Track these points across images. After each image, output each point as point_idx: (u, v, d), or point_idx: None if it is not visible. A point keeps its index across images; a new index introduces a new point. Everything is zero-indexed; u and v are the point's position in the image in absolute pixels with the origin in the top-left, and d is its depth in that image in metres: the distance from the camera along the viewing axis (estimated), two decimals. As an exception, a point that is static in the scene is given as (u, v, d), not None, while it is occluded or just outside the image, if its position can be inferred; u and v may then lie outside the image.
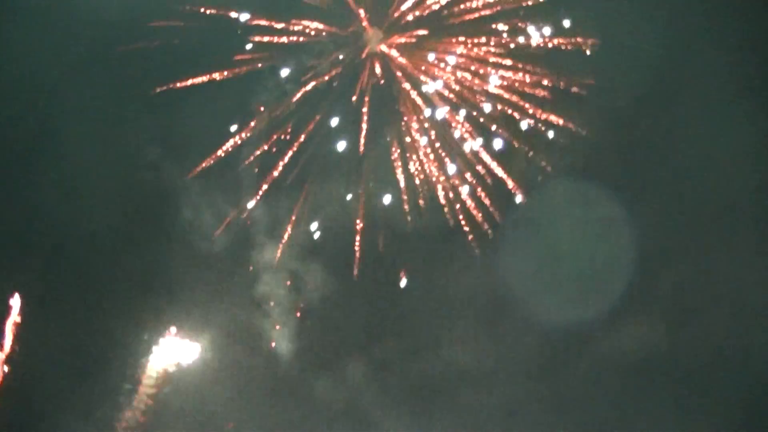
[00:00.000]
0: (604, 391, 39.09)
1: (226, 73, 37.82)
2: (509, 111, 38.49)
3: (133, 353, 37.10)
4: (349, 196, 38.21)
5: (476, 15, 38.28)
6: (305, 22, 38.23)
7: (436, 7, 38.25)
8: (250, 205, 38.27)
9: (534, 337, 39.77)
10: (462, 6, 38.25)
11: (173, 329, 37.65)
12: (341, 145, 38.08)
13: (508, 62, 38.30)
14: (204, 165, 38.03)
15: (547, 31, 37.86)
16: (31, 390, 35.81)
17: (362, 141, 38.27)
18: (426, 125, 38.34)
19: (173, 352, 37.46)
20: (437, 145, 38.65)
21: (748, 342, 37.96)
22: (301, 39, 38.31)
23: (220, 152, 37.97)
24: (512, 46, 38.06)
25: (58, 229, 37.96)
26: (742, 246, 38.35)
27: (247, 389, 38.43)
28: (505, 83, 38.24)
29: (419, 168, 38.34)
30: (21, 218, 37.89)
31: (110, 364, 36.95)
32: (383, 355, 39.53)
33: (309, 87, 38.10)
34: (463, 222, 38.42)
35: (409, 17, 38.55)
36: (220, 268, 39.01)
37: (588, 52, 37.65)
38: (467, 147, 38.52)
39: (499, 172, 38.74)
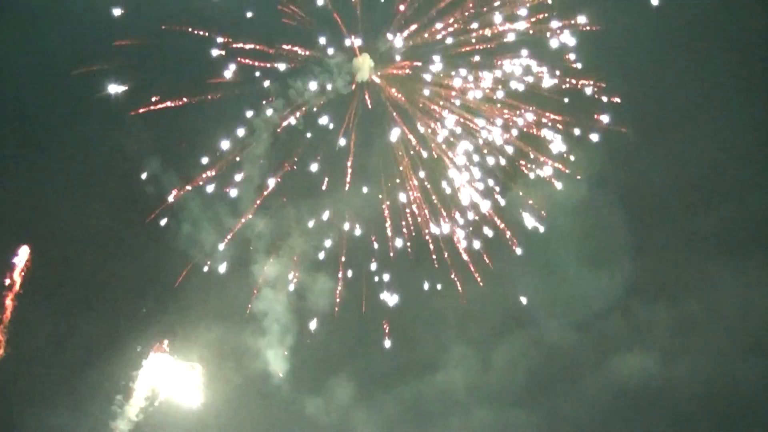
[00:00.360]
0: (597, 420, 38.88)
1: (208, 96, 35.52)
2: (511, 153, 35.71)
3: (126, 364, 37.11)
4: (328, 242, 36.39)
5: (479, 47, 34.44)
6: (291, 48, 35.15)
7: (435, 36, 34.66)
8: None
9: (528, 364, 39.39)
10: (462, 38, 34.44)
11: (165, 343, 37.62)
12: (324, 183, 36.12)
13: (512, 101, 34.90)
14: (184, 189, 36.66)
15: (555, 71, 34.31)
16: (23, 395, 36.24)
17: (348, 178, 36.15)
18: (419, 166, 35.90)
19: (163, 366, 37.54)
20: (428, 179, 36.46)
21: (743, 375, 37.78)
22: (288, 65, 35.39)
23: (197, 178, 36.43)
24: (515, 85, 34.38)
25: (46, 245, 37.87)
26: (739, 282, 38.10)
27: (238, 406, 38.13)
28: (508, 124, 35.09)
29: (408, 210, 36.25)
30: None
31: (103, 373, 36.88)
32: (375, 378, 39.17)
33: (293, 119, 35.61)
34: (452, 272, 36.66)
35: (405, 46, 35.19)
36: (213, 286, 38.27)
37: (605, 99, 34.20)
38: (464, 194, 36.09)
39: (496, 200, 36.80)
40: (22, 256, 36.37)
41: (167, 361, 37.41)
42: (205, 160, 36.29)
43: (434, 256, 36.30)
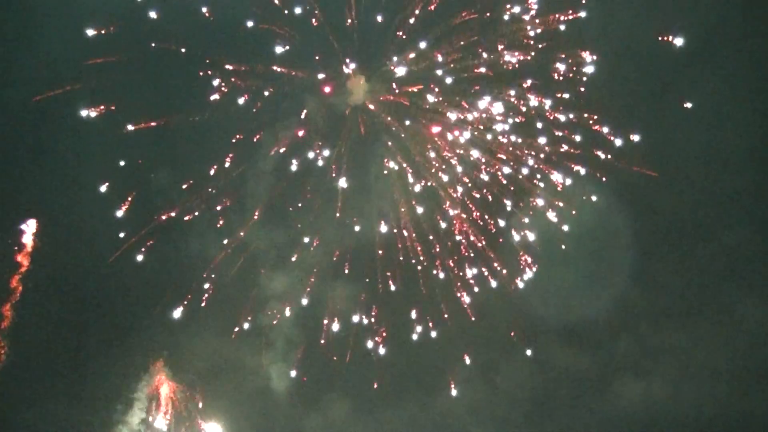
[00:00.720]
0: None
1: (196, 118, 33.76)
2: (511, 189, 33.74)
3: (126, 374, 36.29)
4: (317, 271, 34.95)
5: (480, 72, 32.09)
6: (282, 70, 33.09)
7: (435, 63, 32.30)
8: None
9: (532, 387, 38.74)
10: (463, 65, 32.04)
11: (165, 354, 36.97)
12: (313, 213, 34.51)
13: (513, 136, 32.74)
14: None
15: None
16: (21, 404, 35.43)
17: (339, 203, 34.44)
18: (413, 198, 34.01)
19: (162, 379, 36.96)
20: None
21: (751, 401, 37.25)
22: (279, 87, 33.48)
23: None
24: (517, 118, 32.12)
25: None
26: (751, 307, 37.69)
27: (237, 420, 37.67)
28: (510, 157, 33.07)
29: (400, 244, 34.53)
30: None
31: (102, 381, 36.15)
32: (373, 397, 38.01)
33: (283, 144, 33.75)
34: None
35: (403, 71, 32.81)
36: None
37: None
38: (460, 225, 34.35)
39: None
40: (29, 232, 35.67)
41: (166, 373, 36.95)
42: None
43: (423, 288, 34.85)
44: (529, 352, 36.92)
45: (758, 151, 36.76)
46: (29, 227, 35.68)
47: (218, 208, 34.37)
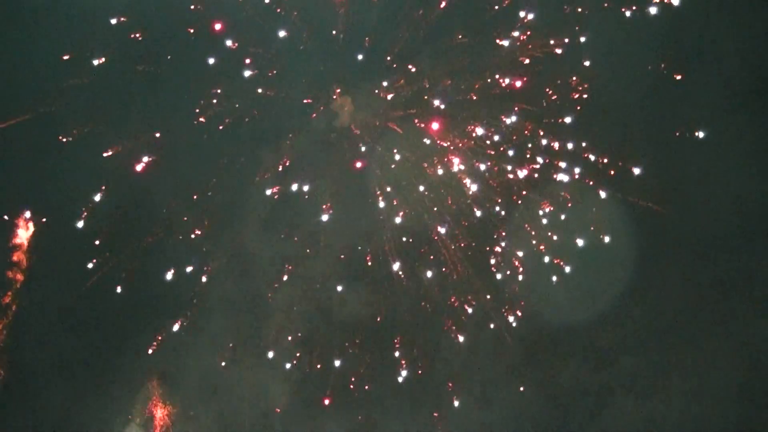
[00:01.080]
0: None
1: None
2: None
3: (123, 386, 35.70)
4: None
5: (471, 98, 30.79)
6: (265, 91, 32.05)
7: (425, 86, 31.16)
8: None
9: (531, 407, 37.35)
10: (450, 90, 30.81)
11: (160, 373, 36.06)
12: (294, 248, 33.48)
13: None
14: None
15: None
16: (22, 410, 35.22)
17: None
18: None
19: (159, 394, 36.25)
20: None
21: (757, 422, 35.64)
22: (261, 108, 32.35)
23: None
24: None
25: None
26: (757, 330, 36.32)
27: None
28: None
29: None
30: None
31: (102, 396, 35.77)
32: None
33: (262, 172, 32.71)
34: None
35: (390, 94, 31.75)
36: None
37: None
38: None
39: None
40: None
41: (161, 393, 36.34)
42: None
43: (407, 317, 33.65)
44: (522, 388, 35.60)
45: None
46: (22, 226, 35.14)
47: (199, 234, 33.42)
